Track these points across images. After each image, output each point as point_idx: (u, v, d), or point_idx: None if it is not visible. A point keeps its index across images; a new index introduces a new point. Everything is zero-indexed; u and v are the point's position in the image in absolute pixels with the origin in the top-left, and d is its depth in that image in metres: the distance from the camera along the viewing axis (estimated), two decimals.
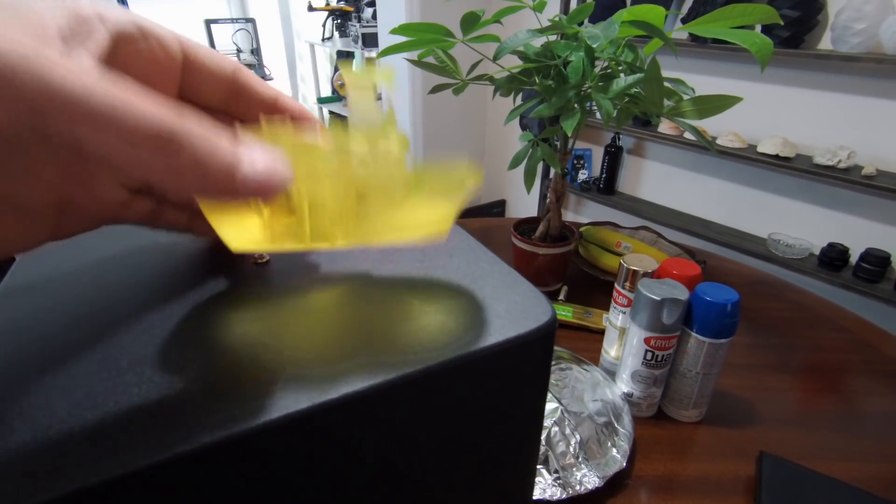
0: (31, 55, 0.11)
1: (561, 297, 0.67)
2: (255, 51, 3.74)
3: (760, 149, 1.49)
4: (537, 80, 0.53)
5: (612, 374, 0.51)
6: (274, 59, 3.78)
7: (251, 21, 3.69)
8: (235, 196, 0.14)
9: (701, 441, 0.46)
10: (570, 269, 0.71)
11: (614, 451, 0.42)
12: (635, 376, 0.46)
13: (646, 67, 0.46)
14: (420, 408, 0.15)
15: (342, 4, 2.98)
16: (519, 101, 0.59)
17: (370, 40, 2.68)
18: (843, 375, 0.56)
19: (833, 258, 1.43)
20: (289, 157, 0.15)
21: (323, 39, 3.14)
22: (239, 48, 3.65)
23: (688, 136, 1.66)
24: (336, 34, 3.08)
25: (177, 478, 0.12)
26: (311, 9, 3.04)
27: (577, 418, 0.42)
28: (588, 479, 0.39)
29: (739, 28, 0.43)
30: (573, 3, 1.88)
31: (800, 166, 1.40)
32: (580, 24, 0.50)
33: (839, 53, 1.28)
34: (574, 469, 0.39)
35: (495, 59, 0.50)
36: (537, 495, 0.38)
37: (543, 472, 0.39)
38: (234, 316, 0.16)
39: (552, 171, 0.59)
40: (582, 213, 2.30)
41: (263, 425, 0.12)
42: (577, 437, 0.41)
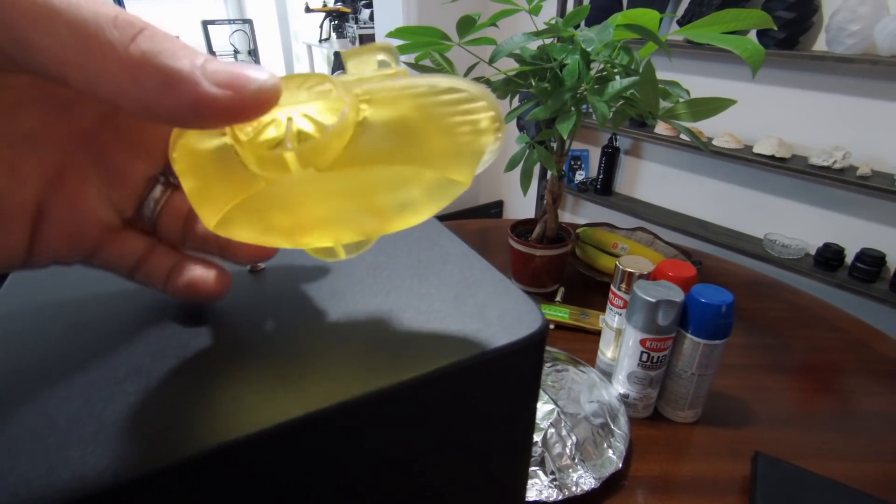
0: None
1: (558, 298, 0.68)
2: (253, 52, 3.74)
3: (756, 149, 1.50)
4: (533, 83, 0.53)
5: (608, 375, 0.51)
6: (271, 60, 3.79)
7: (248, 22, 3.69)
8: (203, 94, 0.11)
9: (697, 441, 0.46)
10: (567, 270, 0.72)
11: (610, 452, 0.42)
12: (631, 377, 0.46)
13: (641, 70, 0.47)
14: (413, 415, 0.15)
15: (339, 6, 2.99)
16: (516, 103, 0.59)
17: (367, 41, 2.68)
18: (839, 375, 0.56)
19: (829, 258, 1.44)
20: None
21: (320, 41, 3.14)
22: (236, 49, 3.65)
23: (684, 137, 1.67)
24: (333, 35, 3.08)
25: (175, 486, 0.12)
26: (308, 10, 3.04)
27: (574, 419, 0.43)
28: (584, 480, 0.39)
29: (734, 32, 0.44)
30: (570, 6, 1.89)
31: (795, 167, 1.41)
32: (576, 26, 0.51)
33: (834, 55, 1.29)
34: (570, 470, 0.40)
35: (491, 61, 0.51)
36: (534, 496, 0.38)
37: (540, 473, 0.39)
38: (230, 325, 0.16)
39: (549, 173, 0.59)
40: (579, 213, 2.31)
41: (259, 433, 0.12)
42: (574, 438, 0.41)
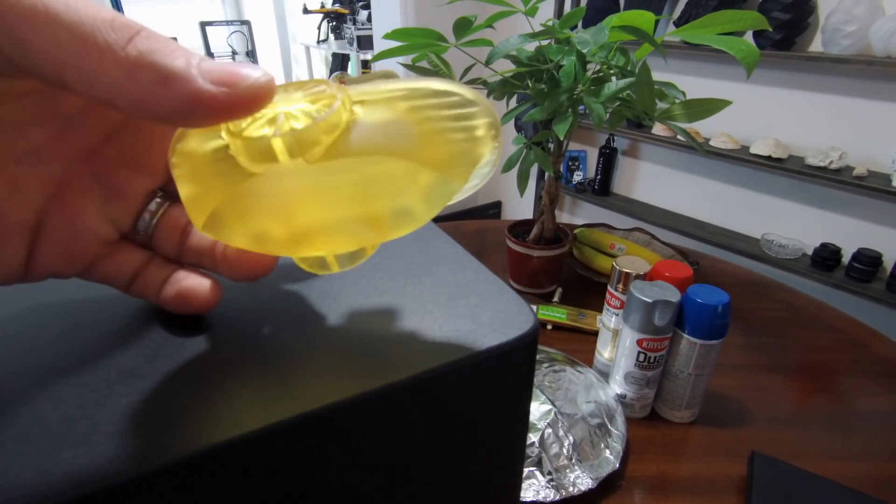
0: None
1: (555, 298, 0.68)
2: (251, 53, 3.74)
3: (753, 150, 1.50)
4: (530, 84, 0.53)
5: (605, 375, 0.51)
6: (269, 61, 3.78)
7: (246, 23, 3.69)
8: (198, 91, 0.11)
9: (693, 441, 0.46)
10: (564, 270, 0.72)
11: (607, 452, 0.42)
12: (628, 377, 0.46)
13: (637, 72, 0.47)
14: (405, 416, 0.15)
15: (337, 7, 2.99)
16: (514, 104, 0.59)
17: (365, 43, 2.69)
18: (835, 375, 0.56)
19: (825, 258, 1.44)
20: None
21: (318, 42, 3.14)
22: (234, 50, 3.65)
23: (681, 137, 1.67)
24: (331, 36, 3.08)
25: (166, 487, 0.12)
26: (306, 11, 3.05)
27: (571, 420, 0.43)
28: (581, 481, 0.39)
29: (729, 34, 0.44)
30: (567, 7, 1.89)
31: (792, 167, 1.41)
32: (573, 28, 0.51)
33: (830, 55, 1.30)
34: (567, 470, 0.40)
35: (487, 63, 0.51)
36: (531, 497, 0.38)
37: (537, 473, 0.39)
38: (222, 327, 0.16)
39: (546, 174, 0.59)
40: (577, 214, 2.31)
41: (250, 434, 0.12)
42: (571, 438, 0.41)
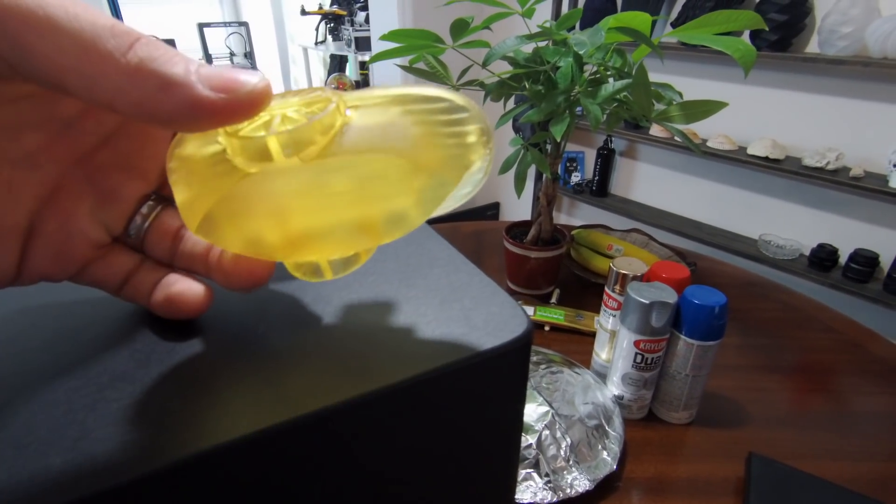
0: None
1: (553, 300, 0.68)
2: (249, 54, 3.74)
3: (750, 151, 1.51)
4: (527, 86, 0.53)
5: (603, 376, 0.51)
6: (267, 62, 3.78)
7: (244, 25, 3.69)
8: (197, 97, 0.11)
9: (691, 442, 0.46)
10: (562, 271, 0.72)
11: (605, 453, 0.42)
12: (625, 379, 0.46)
13: (633, 73, 0.47)
14: (399, 419, 0.15)
15: (335, 8, 2.99)
16: (511, 105, 0.59)
17: (363, 44, 2.69)
18: (832, 376, 0.56)
19: (823, 259, 1.44)
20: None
21: (316, 43, 3.14)
22: (232, 52, 3.65)
23: (678, 139, 1.68)
24: (329, 38, 3.08)
25: (155, 493, 0.12)
26: (304, 12, 3.05)
27: (568, 421, 0.43)
28: (578, 482, 0.39)
29: (725, 34, 0.44)
30: (565, 7, 1.89)
31: (789, 168, 1.42)
32: (570, 29, 0.51)
33: (826, 56, 1.30)
34: (565, 472, 0.40)
35: (484, 65, 0.51)
36: (528, 499, 0.38)
37: (534, 475, 0.39)
38: (214, 330, 0.16)
39: (544, 175, 0.59)
40: (575, 215, 2.31)
41: (242, 439, 0.12)
42: (568, 440, 0.41)
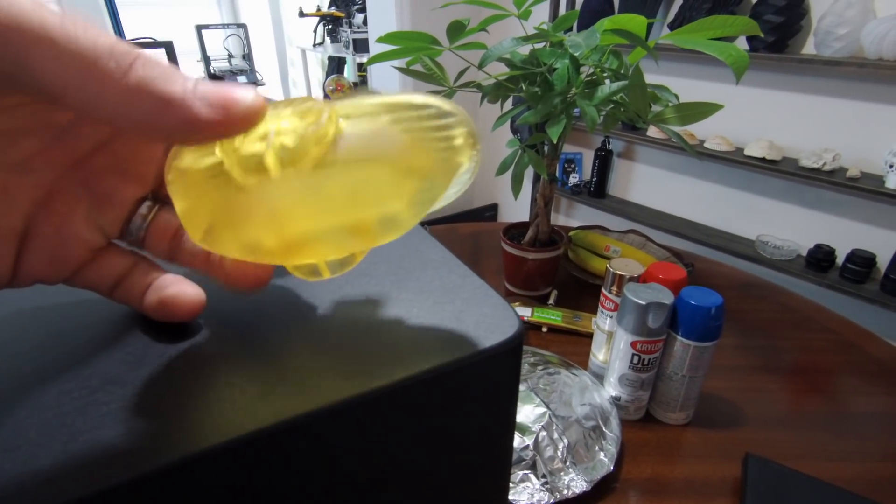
0: None
1: (551, 301, 0.68)
2: (247, 56, 3.73)
3: (747, 152, 1.51)
4: (524, 87, 0.54)
5: (600, 377, 0.51)
6: (265, 64, 3.78)
7: (242, 26, 3.68)
8: (195, 115, 0.12)
9: (688, 443, 0.46)
10: (559, 273, 0.72)
11: (602, 454, 0.42)
12: (622, 380, 0.46)
13: (630, 75, 0.47)
14: (390, 420, 0.15)
15: (333, 10, 2.99)
16: (509, 106, 0.59)
17: (361, 46, 2.69)
18: (829, 376, 0.57)
19: (820, 259, 1.45)
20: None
21: (314, 45, 3.14)
22: (230, 54, 3.64)
23: (674, 140, 1.69)
24: (327, 40, 3.08)
25: (146, 496, 0.12)
26: (302, 14, 3.04)
27: (565, 422, 0.43)
28: (576, 484, 0.39)
29: (720, 39, 0.44)
30: (562, 9, 1.90)
31: (786, 169, 1.42)
32: (567, 31, 0.51)
33: (822, 58, 1.30)
34: (562, 473, 0.40)
35: (480, 66, 0.51)
36: (525, 500, 0.38)
37: (531, 476, 0.39)
38: (207, 333, 0.16)
39: (541, 176, 0.59)
40: (573, 216, 2.32)
41: (233, 442, 0.12)
42: (565, 441, 0.41)
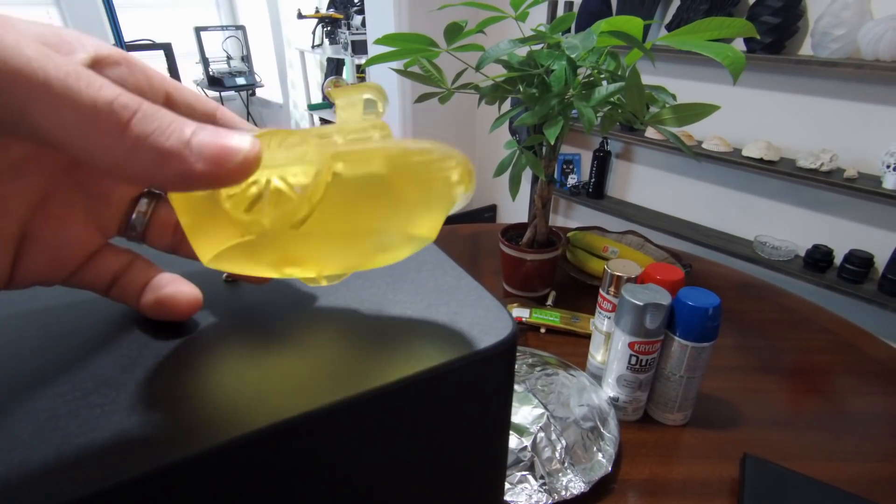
0: None
1: (549, 302, 0.68)
2: (246, 58, 3.73)
3: (745, 152, 1.51)
4: (521, 89, 0.54)
5: (598, 378, 0.51)
6: (264, 65, 3.78)
7: (241, 28, 3.69)
8: (190, 170, 0.12)
9: (686, 444, 0.46)
10: (558, 274, 0.72)
11: (600, 455, 0.42)
12: (620, 380, 0.46)
13: (627, 76, 0.47)
14: (384, 422, 0.15)
15: (331, 12, 2.99)
16: (507, 107, 0.60)
17: (360, 47, 2.69)
18: (827, 376, 0.57)
19: (818, 259, 1.45)
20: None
21: (313, 46, 3.14)
22: (229, 55, 3.64)
23: (671, 141, 1.69)
24: (326, 41, 3.08)
25: (139, 498, 0.12)
26: (300, 16, 3.04)
27: (563, 423, 0.43)
28: (574, 485, 0.39)
29: (718, 40, 0.44)
30: (560, 11, 1.90)
31: (784, 169, 1.43)
32: (564, 32, 0.51)
33: (819, 59, 1.31)
34: (560, 474, 0.40)
35: (478, 68, 0.51)
36: (523, 501, 0.38)
37: (529, 477, 0.39)
38: (201, 334, 0.16)
39: (539, 177, 0.59)
40: (572, 217, 2.32)
41: (226, 444, 0.12)
42: (563, 442, 0.41)
